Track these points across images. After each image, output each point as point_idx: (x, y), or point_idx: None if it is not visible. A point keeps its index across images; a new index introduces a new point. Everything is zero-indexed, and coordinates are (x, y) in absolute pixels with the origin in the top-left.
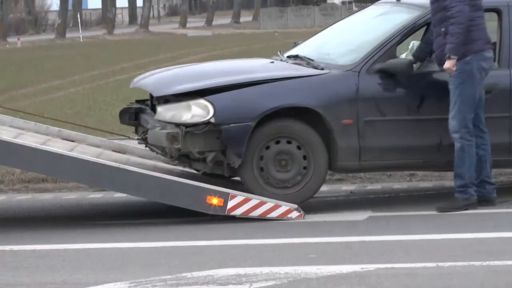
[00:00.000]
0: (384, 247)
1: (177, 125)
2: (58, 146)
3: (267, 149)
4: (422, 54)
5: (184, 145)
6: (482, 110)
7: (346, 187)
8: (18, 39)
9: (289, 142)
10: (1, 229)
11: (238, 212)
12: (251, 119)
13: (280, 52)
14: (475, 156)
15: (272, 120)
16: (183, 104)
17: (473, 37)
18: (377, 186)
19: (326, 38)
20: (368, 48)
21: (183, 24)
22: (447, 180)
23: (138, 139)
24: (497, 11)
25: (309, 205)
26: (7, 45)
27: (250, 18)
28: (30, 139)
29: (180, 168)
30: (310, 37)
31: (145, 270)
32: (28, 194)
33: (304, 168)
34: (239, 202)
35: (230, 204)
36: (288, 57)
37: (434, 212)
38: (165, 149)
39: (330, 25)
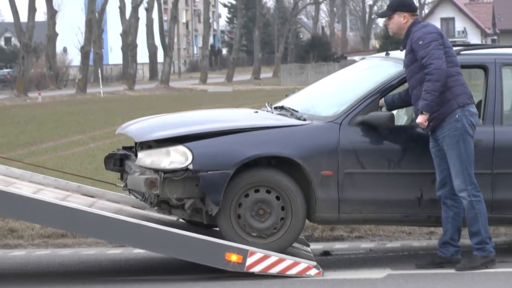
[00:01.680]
0: None
1: (156, 171)
2: (77, 202)
3: (245, 197)
4: (397, 104)
5: (163, 191)
6: None
7: (365, 245)
8: (39, 94)
9: (268, 192)
10: (21, 284)
11: (257, 269)
12: (229, 166)
13: (268, 103)
14: (485, 210)
15: (251, 169)
16: (163, 150)
17: (456, 92)
18: (396, 244)
19: (315, 91)
20: (351, 101)
21: (203, 80)
22: (466, 238)
23: (123, 186)
24: (484, 67)
25: (328, 262)
26: (28, 100)
27: (270, 74)
28: (50, 195)
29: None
30: (301, 90)
31: None
32: (47, 249)
33: (282, 218)
34: (258, 259)
35: (249, 260)
36: (275, 108)
37: (453, 271)
38: (144, 194)
39: (322, 79)
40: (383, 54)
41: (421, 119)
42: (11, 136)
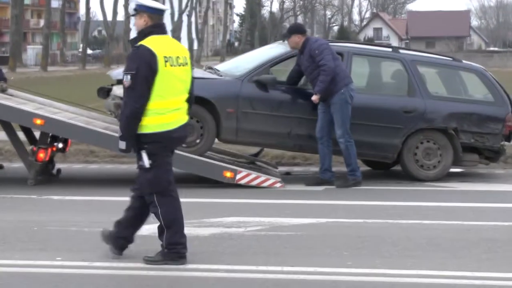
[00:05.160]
0: (330, 208)
1: (121, 98)
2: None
3: None
4: (292, 81)
5: None
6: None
7: (314, 169)
8: (118, 66)
9: (192, 118)
10: (97, 188)
11: (243, 181)
12: None
13: (205, 66)
14: (355, 149)
15: None
16: None
17: (341, 76)
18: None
19: (238, 59)
20: (251, 67)
21: (222, 61)
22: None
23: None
24: (341, 54)
25: (289, 179)
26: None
27: None
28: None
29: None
30: (231, 58)
31: None
32: (113, 164)
33: (201, 135)
34: (243, 175)
35: (238, 176)
36: (207, 68)
37: (334, 187)
38: (114, 113)
39: (246, 52)
40: (281, 41)
41: (315, 98)
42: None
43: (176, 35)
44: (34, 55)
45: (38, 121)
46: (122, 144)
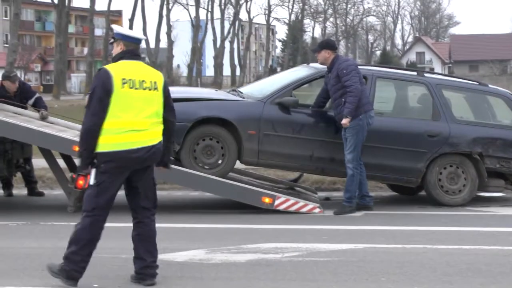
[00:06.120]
0: (368, 233)
1: None
2: None
3: (199, 142)
4: (319, 104)
5: None
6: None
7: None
8: None
9: (213, 140)
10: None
11: (281, 207)
12: (188, 121)
13: (230, 87)
14: (358, 178)
15: (204, 124)
16: None
17: (363, 101)
18: (372, 194)
19: (261, 82)
20: (274, 89)
21: None
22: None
23: None
24: (365, 77)
25: (328, 204)
26: None
27: None
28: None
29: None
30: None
31: (216, 242)
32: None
33: (222, 156)
34: (282, 201)
35: (277, 202)
36: (230, 90)
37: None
38: None
39: (268, 76)
40: (305, 64)
41: (345, 121)
42: None
43: (218, 61)
44: (78, 83)
45: (78, 148)
46: (79, 161)
